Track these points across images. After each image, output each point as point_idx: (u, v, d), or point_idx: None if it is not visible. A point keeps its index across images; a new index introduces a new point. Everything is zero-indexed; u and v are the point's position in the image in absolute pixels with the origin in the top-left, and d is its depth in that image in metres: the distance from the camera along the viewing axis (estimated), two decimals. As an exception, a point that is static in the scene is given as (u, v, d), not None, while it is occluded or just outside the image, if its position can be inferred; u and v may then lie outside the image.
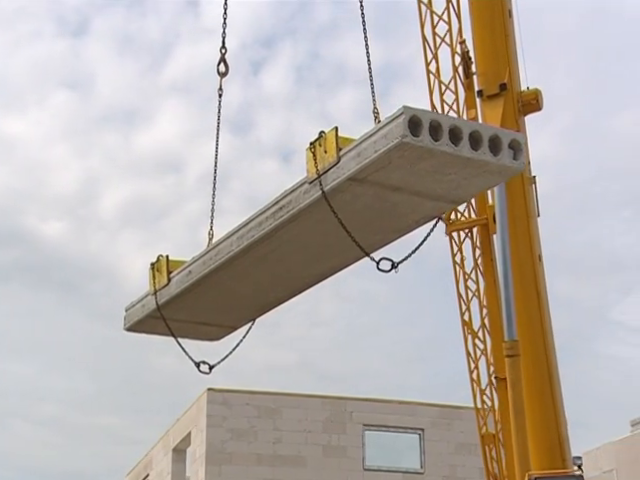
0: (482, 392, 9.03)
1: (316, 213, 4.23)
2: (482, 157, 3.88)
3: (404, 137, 3.70)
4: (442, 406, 17.14)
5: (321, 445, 16.87)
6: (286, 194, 4.37)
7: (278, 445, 16.65)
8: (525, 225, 8.47)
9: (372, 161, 3.87)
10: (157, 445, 19.64)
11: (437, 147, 3.77)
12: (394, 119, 3.79)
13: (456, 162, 3.88)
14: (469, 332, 9.09)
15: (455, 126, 3.85)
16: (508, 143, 3.96)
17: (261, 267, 4.75)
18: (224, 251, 4.74)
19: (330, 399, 17.22)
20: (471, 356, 9.06)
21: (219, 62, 5.81)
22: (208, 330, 5.49)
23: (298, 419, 16.81)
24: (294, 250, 4.58)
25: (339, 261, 4.73)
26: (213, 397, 16.54)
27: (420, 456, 17.31)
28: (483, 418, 9.08)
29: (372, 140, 3.89)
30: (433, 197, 4.15)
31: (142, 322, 5.42)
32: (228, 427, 16.43)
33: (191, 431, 17.30)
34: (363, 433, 17.11)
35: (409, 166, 3.87)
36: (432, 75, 9.54)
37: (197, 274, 4.95)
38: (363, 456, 17.03)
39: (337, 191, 4.08)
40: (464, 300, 9.14)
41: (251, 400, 16.73)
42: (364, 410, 17.19)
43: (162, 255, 5.25)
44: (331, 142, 4.08)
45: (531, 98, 8.71)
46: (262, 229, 4.47)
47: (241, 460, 16.40)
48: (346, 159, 4.02)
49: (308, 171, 4.21)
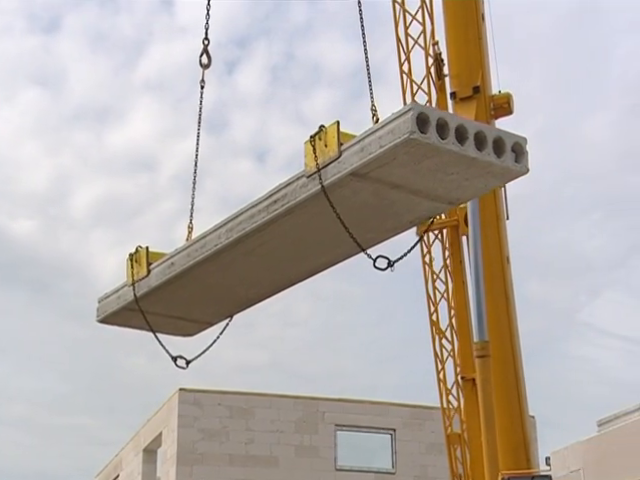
0: (448, 392, 9.09)
1: (312, 207, 4.18)
2: (487, 158, 3.87)
3: (412, 133, 3.66)
4: (414, 406, 17.21)
5: (293, 445, 16.85)
6: (281, 187, 4.29)
7: (250, 445, 16.60)
8: (495, 227, 8.53)
9: (376, 156, 3.83)
10: (127, 445, 19.50)
11: (444, 145, 3.75)
12: (401, 115, 3.74)
13: (461, 162, 3.86)
14: (437, 332, 9.16)
15: (461, 125, 3.83)
16: (511, 146, 3.94)
17: (247, 262, 4.68)
18: (211, 243, 4.64)
19: (302, 399, 17.21)
20: (438, 356, 9.12)
21: (201, 53, 5.78)
22: (183, 325, 5.40)
23: (270, 419, 16.78)
24: (284, 245, 4.52)
25: (327, 259, 4.68)
26: (185, 397, 16.45)
27: (392, 456, 17.38)
28: (449, 418, 9.15)
29: (377, 135, 3.83)
30: (432, 197, 4.12)
31: (117, 314, 5.30)
32: (200, 427, 16.35)
33: (162, 431, 17.19)
34: (335, 433, 17.12)
35: (413, 163, 3.84)
36: (405, 75, 9.57)
37: (180, 266, 4.84)
38: (335, 456, 17.05)
39: (337, 186, 4.03)
40: (432, 301, 9.20)
41: (223, 400, 16.67)
42: (336, 410, 17.21)
43: (141, 246, 5.14)
44: (332, 136, 4.03)
45: (503, 102, 8.77)
46: (254, 222, 4.39)
47: (213, 460, 16.33)
48: (348, 154, 3.96)
49: (306, 165, 4.15)
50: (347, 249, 4.51)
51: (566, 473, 6.90)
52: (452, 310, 9.01)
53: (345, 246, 4.46)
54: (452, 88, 9.34)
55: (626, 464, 6.27)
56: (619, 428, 6.59)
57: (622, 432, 6.41)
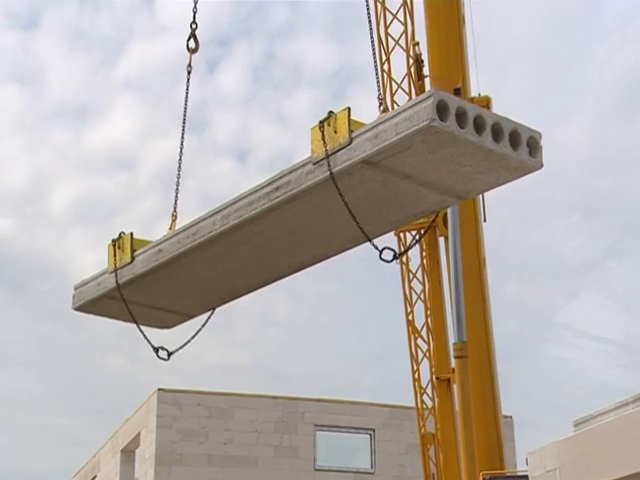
0: (422, 392, 9.16)
1: (318, 195, 4.06)
2: (503, 150, 3.78)
3: (432, 121, 3.55)
4: (393, 406, 17.27)
5: (272, 445, 16.86)
6: (284, 174, 4.16)
7: (229, 446, 16.59)
8: (473, 229, 8.60)
9: (392, 144, 3.71)
10: (105, 446, 19.40)
11: (462, 135, 3.65)
12: (421, 102, 3.62)
13: (477, 153, 3.76)
14: (413, 332, 9.23)
15: (479, 116, 3.73)
16: (526, 140, 3.85)
17: (240, 251, 4.54)
18: (204, 230, 4.48)
19: (282, 399, 17.22)
20: (414, 356, 9.18)
21: (189, 38, 5.71)
22: (162, 316, 5.24)
23: (249, 420, 16.78)
24: (281, 235, 4.39)
25: (323, 250, 4.58)
26: (163, 397, 16.40)
27: (371, 456, 17.43)
28: (423, 418, 9.21)
29: (393, 122, 3.71)
30: (440, 189, 4.03)
31: (95, 302, 5.11)
32: (178, 428, 16.31)
33: (140, 432, 17.13)
34: (314, 433, 17.15)
35: (428, 153, 3.75)
36: (386, 75, 9.62)
37: (169, 253, 4.67)
38: (314, 456, 17.08)
39: (346, 174, 3.91)
40: (409, 301, 9.26)
41: (202, 400, 16.64)
42: (316, 411, 17.23)
43: (124, 232, 4.97)
44: (342, 122, 3.91)
45: (483, 104, 8.82)
46: (253, 209, 4.24)
47: (191, 461, 16.30)
48: (360, 141, 3.84)
49: (313, 151, 4.02)
50: (345, 241, 4.43)
51: (542, 473, 6.96)
52: (428, 310, 9.09)
53: (344, 237, 4.38)
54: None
55: (601, 464, 6.34)
56: (595, 428, 6.66)
57: (598, 432, 6.48)
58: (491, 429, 7.90)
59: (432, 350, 9.00)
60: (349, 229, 4.28)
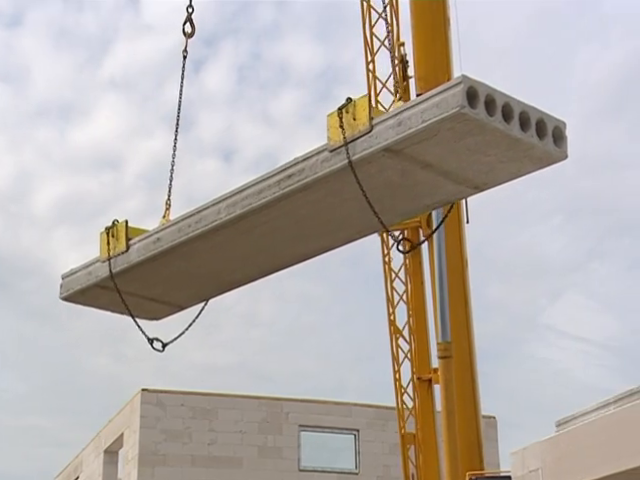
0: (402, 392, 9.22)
1: (333, 184, 3.96)
2: (530, 140, 3.69)
3: (462, 107, 3.47)
4: (377, 407, 17.30)
5: (257, 446, 16.84)
6: (297, 162, 4.04)
7: (213, 446, 16.56)
8: (457, 231, 8.63)
9: (417, 131, 3.62)
10: (88, 447, 19.31)
11: (491, 123, 3.56)
12: (450, 88, 3.54)
13: (503, 142, 3.68)
14: (395, 332, 9.28)
15: (507, 103, 3.65)
16: (552, 129, 3.78)
17: (244, 241, 4.42)
18: (208, 219, 4.33)
19: (266, 400, 17.21)
20: (395, 356, 9.23)
21: (185, 22, 5.65)
22: (153, 307, 5.08)
23: (234, 420, 16.75)
24: (288, 224, 4.27)
25: (328, 241, 4.46)
26: (147, 398, 16.34)
27: (355, 456, 17.46)
28: (403, 419, 9.27)
29: (419, 109, 3.62)
30: (459, 180, 3.95)
31: (85, 291, 4.94)
32: (162, 428, 16.26)
33: (124, 432, 17.06)
34: (299, 434, 17.14)
35: (453, 141, 3.66)
36: (371, 74, 9.64)
37: (168, 242, 4.51)
38: (299, 457, 17.08)
39: (365, 162, 3.81)
40: (391, 301, 9.30)
41: (186, 401, 16.59)
42: (300, 411, 17.23)
43: (118, 220, 4.81)
44: (362, 109, 3.81)
45: None
46: (262, 198, 4.11)
47: (175, 461, 16.25)
48: (382, 128, 3.74)
49: (329, 138, 3.91)
50: (353, 232, 4.34)
51: (525, 473, 7.00)
52: (410, 311, 9.14)
53: (352, 228, 4.30)
54: (418, 90, 9.40)
55: (583, 463, 6.38)
56: (577, 428, 6.71)
57: (580, 432, 6.53)
58: (472, 429, 7.95)
59: (414, 350, 9.04)
60: (358, 220, 4.20)
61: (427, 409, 8.71)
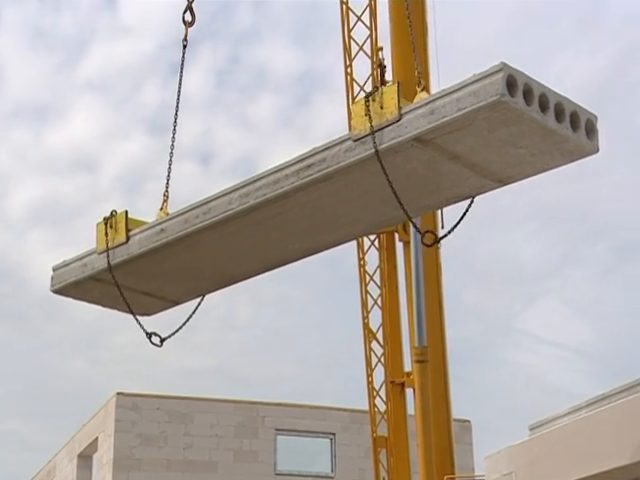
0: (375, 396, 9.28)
1: (355, 175, 3.82)
2: (564, 131, 3.60)
3: (502, 96, 3.36)
4: (353, 411, 17.31)
5: (232, 450, 16.78)
6: (317, 151, 3.90)
7: (189, 450, 16.47)
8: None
9: (451, 120, 3.49)
10: (62, 451, 19.12)
11: (529, 112, 3.45)
12: (488, 76, 3.44)
13: (537, 133, 3.57)
14: (369, 336, 9.35)
15: (544, 93, 3.55)
16: (584, 122, 3.70)
17: (252, 233, 4.26)
18: (218, 209, 4.16)
19: (242, 404, 17.15)
20: (368, 360, 9.30)
21: (185, 10, 5.59)
22: (147, 302, 4.91)
23: (210, 424, 16.68)
24: (301, 216, 4.12)
25: (339, 235, 4.35)
26: (122, 402, 16.22)
27: (331, 460, 17.45)
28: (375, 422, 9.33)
29: (453, 97, 3.51)
30: (484, 173, 3.84)
31: (78, 284, 4.75)
32: (137, 432, 16.14)
33: (98, 436, 16.91)
34: (275, 438, 17.11)
35: (486, 131, 3.54)
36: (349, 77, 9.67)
37: (174, 233, 4.32)
38: (275, 461, 17.03)
39: (392, 151, 3.68)
40: (365, 305, 9.36)
41: (162, 405, 16.49)
42: (276, 415, 17.20)
43: (115, 210, 4.61)
44: (391, 97, 3.69)
45: None
46: (279, 188, 3.95)
47: (150, 466, 16.13)
48: (412, 117, 3.63)
49: (353, 127, 3.77)
50: (365, 226, 4.24)
51: (499, 476, 7.05)
52: (385, 315, 9.19)
53: (365, 222, 4.20)
54: (396, 95, 9.42)
55: (555, 467, 6.44)
56: (549, 432, 6.77)
57: (552, 436, 6.59)
58: (444, 433, 8.00)
59: (387, 354, 9.10)
60: (373, 213, 4.10)
61: (399, 413, 8.78)
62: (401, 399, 8.72)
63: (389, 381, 8.93)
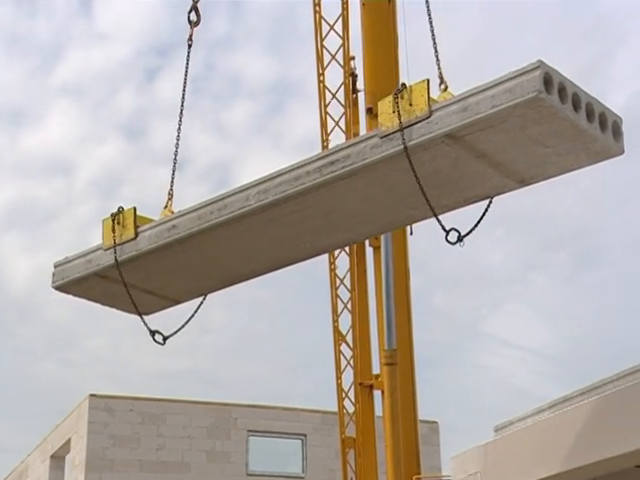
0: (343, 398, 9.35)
1: (381, 171, 3.75)
2: (594, 132, 3.58)
3: (540, 93, 3.31)
4: (324, 412, 17.33)
5: (205, 451, 16.71)
6: (341, 148, 3.82)
7: (161, 451, 16.37)
8: (402, 241, 8.74)
9: (485, 117, 3.44)
10: (34, 452, 18.91)
11: (563, 111, 3.41)
12: (525, 73, 3.39)
13: (568, 132, 3.53)
14: (338, 338, 9.41)
15: (576, 93, 3.51)
16: (611, 123, 3.69)
17: (268, 229, 4.16)
18: (234, 205, 4.05)
19: (215, 405, 17.10)
20: (337, 362, 9.35)
21: (190, 10, 5.58)
22: (148, 301, 4.80)
23: (182, 425, 16.60)
24: (318, 214, 4.03)
25: (350, 235, 4.27)
26: (95, 403, 16.09)
27: (302, 461, 17.46)
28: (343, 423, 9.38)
29: (487, 95, 3.46)
30: (508, 172, 3.78)
31: (82, 280, 4.62)
32: (110, 433, 16.02)
33: (71, 438, 16.76)
34: (247, 439, 17.08)
35: (518, 129, 3.49)
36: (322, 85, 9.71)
37: (186, 229, 4.22)
38: (246, 461, 17.00)
39: (421, 148, 3.63)
40: (335, 308, 9.42)
41: (135, 406, 16.39)
42: (248, 416, 17.17)
43: (123, 207, 4.46)
44: (420, 94, 3.63)
45: None
46: (300, 184, 3.86)
47: (123, 467, 16.02)
48: (443, 113, 3.58)
49: (381, 124, 3.71)
50: (381, 225, 4.19)
51: (465, 476, 7.10)
52: (355, 318, 9.25)
53: (381, 221, 4.14)
54: (368, 104, 9.48)
55: (519, 467, 6.51)
56: (513, 433, 6.84)
57: (516, 437, 6.66)
58: (411, 435, 8.05)
59: (356, 357, 9.15)
60: (390, 212, 4.05)
61: (368, 414, 8.83)
62: (369, 401, 8.78)
63: (358, 383, 8.97)
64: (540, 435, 6.29)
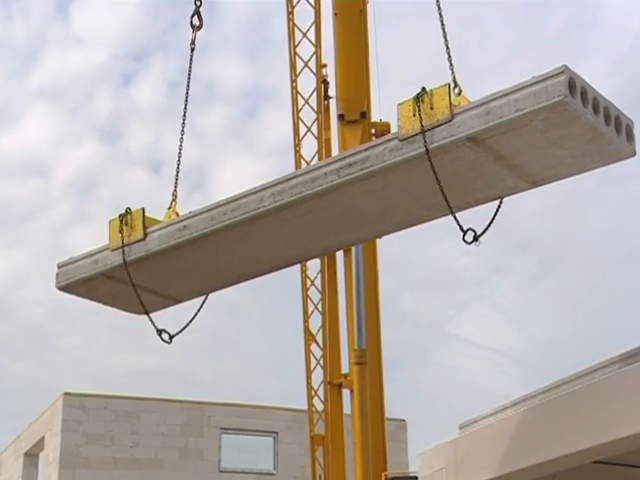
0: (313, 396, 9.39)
1: (399, 173, 3.74)
2: (611, 134, 3.62)
3: (566, 96, 3.34)
4: (295, 410, 17.34)
5: (178, 448, 16.64)
6: (359, 151, 3.82)
7: (135, 449, 16.27)
8: (371, 245, 8.79)
9: (509, 120, 3.45)
10: (7, 449, 18.68)
11: (586, 114, 3.45)
12: (550, 78, 3.41)
13: (586, 135, 3.56)
14: (308, 338, 9.46)
15: (595, 97, 3.55)
16: (625, 126, 3.73)
17: (280, 230, 4.13)
18: (248, 207, 4.01)
19: (189, 404, 17.02)
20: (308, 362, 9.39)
21: (193, 15, 5.55)
22: (150, 300, 4.73)
23: (156, 423, 16.51)
24: (331, 215, 4.01)
25: (358, 235, 4.26)
26: (69, 401, 15.95)
27: (274, 458, 17.45)
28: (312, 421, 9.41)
29: (511, 98, 3.46)
30: (521, 174, 3.80)
31: (87, 281, 4.56)
32: (84, 431, 15.89)
33: (45, 435, 16.58)
34: (220, 436, 17.03)
35: (539, 132, 3.51)
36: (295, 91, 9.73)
37: (198, 230, 4.16)
38: (219, 458, 16.96)
39: (441, 150, 3.63)
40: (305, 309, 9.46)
41: (109, 404, 16.26)
42: (222, 414, 17.13)
43: (130, 208, 4.43)
44: (441, 98, 3.64)
45: (384, 129, 8.98)
46: (316, 186, 3.84)
47: (96, 464, 15.89)
48: (465, 117, 3.59)
49: (401, 127, 3.71)
50: (391, 225, 4.19)
51: (430, 472, 7.14)
52: (325, 319, 9.29)
53: (392, 221, 4.14)
54: (339, 110, 9.53)
55: (483, 463, 6.57)
56: (477, 430, 6.91)
57: (479, 434, 6.72)
58: (379, 432, 8.12)
59: (326, 357, 9.19)
60: (401, 212, 4.06)
61: (336, 412, 8.89)
62: (338, 399, 8.84)
63: (327, 382, 9.02)
64: (503, 432, 6.35)
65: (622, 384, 5.04)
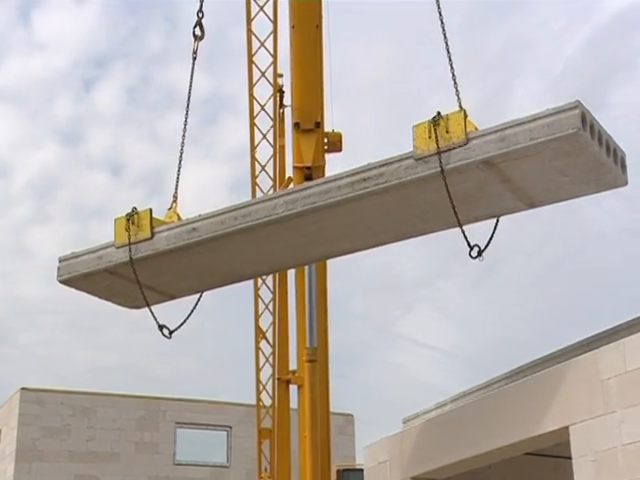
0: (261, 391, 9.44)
1: (412, 190, 3.83)
2: (611, 164, 3.75)
3: (580, 130, 3.48)
4: (248, 405, 17.31)
5: (134, 442, 16.48)
6: (374, 167, 3.87)
7: (91, 442, 16.07)
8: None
9: (523, 148, 3.56)
10: (-35, 444, 18.23)
11: (594, 146, 3.58)
12: (564, 111, 3.53)
13: (589, 164, 3.68)
14: (259, 336, 9.52)
15: (599, 131, 3.69)
16: (619, 158, 3.87)
17: (284, 237, 4.16)
18: (260, 213, 4.05)
19: (145, 399, 16.88)
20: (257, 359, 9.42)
21: (195, 25, 5.55)
22: (146, 295, 4.74)
23: (112, 418, 16.33)
24: (336, 225, 4.07)
25: (360, 244, 4.31)
26: (26, 396, 15.66)
27: (227, 451, 17.42)
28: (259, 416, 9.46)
29: (526, 128, 3.58)
30: (522, 196, 3.90)
31: (89, 275, 4.54)
32: (41, 425, 15.63)
33: (1, 429, 16.25)
34: (175, 431, 16.93)
35: (548, 160, 3.62)
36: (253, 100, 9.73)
37: (208, 232, 4.18)
38: (174, 452, 16.85)
39: (455, 171, 3.73)
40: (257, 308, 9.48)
41: (66, 399, 16.02)
42: (177, 409, 17.02)
43: (136, 208, 4.42)
44: (457, 123, 3.75)
45: (336, 139, 9.05)
46: (330, 197, 3.89)
47: (53, 457, 15.65)
48: (480, 142, 3.69)
49: (416, 147, 3.80)
50: (391, 236, 4.23)
51: (375, 464, 7.26)
52: (275, 317, 9.35)
53: (393, 232, 4.19)
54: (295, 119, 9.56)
55: (425, 455, 6.71)
56: (419, 424, 7.05)
57: (422, 428, 6.86)
58: (324, 427, 8.20)
59: (275, 354, 9.25)
60: (404, 225, 4.12)
61: (283, 407, 8.95)
62: (286, 395, 8.90)
63: (276, 378, 9.07)
64: (443, 426, 6.50)
65: (545, 384, 5.23)
